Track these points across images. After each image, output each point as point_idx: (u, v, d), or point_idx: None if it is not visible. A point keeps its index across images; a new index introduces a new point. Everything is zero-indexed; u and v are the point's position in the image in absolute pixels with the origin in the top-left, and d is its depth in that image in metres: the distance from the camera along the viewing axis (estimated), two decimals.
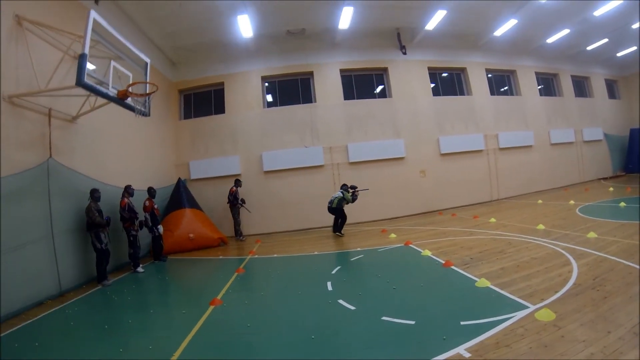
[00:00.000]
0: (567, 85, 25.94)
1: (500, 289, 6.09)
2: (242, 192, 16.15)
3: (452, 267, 7.87)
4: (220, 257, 12.41)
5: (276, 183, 17.55)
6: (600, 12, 18.52)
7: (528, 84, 23.84)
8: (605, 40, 23.64)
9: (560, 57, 25.21)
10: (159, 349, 5.09)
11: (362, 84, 19.64)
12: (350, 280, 8.08)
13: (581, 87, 27.70)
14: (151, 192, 12.25)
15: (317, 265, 9.88)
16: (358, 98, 19.25)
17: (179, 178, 15.61)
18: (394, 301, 6.33)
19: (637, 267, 6.35)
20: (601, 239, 8.66)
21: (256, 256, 11.78)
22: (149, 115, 10.67)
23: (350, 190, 14.37)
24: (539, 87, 25.16)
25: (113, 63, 9.07)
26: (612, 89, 29.91)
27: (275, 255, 11.70)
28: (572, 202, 15.88)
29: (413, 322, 5.18)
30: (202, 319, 6.13)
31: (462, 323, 4.90)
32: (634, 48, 25.80)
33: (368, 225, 16.45)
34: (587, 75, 27.63)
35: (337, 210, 14.33)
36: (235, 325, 6.00)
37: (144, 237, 12.11)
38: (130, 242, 10.83)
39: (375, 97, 19.70)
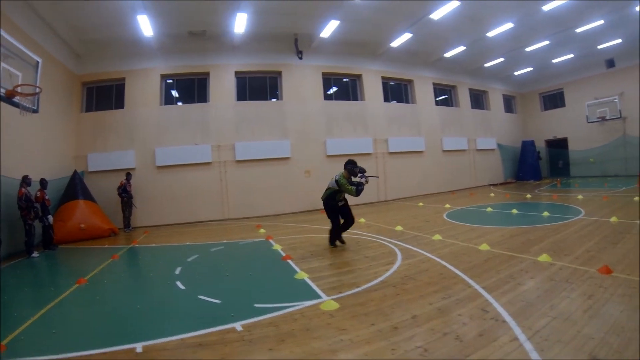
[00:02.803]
0: (464, 97, 27.82)
1: (312, 282, 6.60)
2: (135, 185, 16.74)
3: (288, 260, 8.40)
4: (106, 246, 12.66)
5: (168, 178, 17.97)
6: (492, 33, 20.12)
7: (424, 93, 25.36)
8: (502, 59, 25.66)
9: (459, 71, 27.03)
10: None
11: (256, 87, 20.40)
12: (196, 267, 8.71)
13: (479, 100, 29.78)
14: (43, 183, 12.39)
15: (180, 254, 10.37)
16: (250, 100, 20.03)
17: (75, 170, 15.63)
18: (218, 285, 7.09)
19: (452, 268, 6.90)
20: (442, 241, 9.30)
21: (137, 245, 12.23)
22: (38, 111, 10.88)
23: (358, 176, 9.35)
24: (441, 97, 27.15)
25: (3, 64, 9.14)
26: (509, 103, 32.61)
27: (153, 245, 12.17)
28: (447, 205, 16.94)
29: (219, 302, 5.89)
30: (63, 295, 6.77)
31: (255, 305, 5.52)
32: (530, 69, 28.28)
33: (250, 221, 17.05)
34: (485, 89, 29.77)
35: (326, 204, 9.61)
36: (87, 299, 6.69)
37: (38, 226, 12.39)
38: (26, 230, 11.19)
39: (267, 99, 20.48)
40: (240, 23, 16.40)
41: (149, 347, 4.34)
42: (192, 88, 19.77)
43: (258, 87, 20.63)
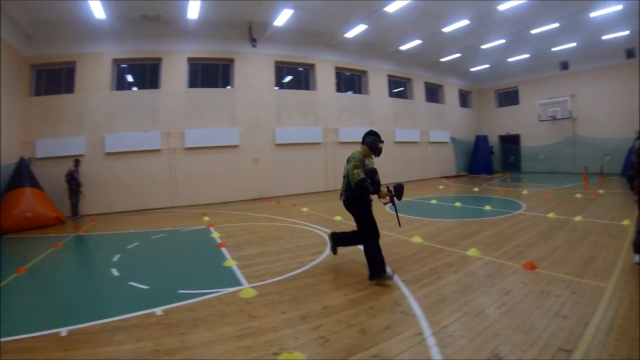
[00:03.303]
0: (419, 90, 28.58)
1: (239, 270, 6.85)
2: (84, 172, 16.44)
3: (222, 248, 8.63)
4: (51, 234, 12.35)
5: (117, 165, 17.59)
6: (448, 29, 20.65)
7: (378, 85, 25.90)
8: (458, 55, 26.40)
9: (415, 64, 27.67)
10: None
11: (208, 74, 20.31)
12: (134, 254, 8.89)
13: (434, 93, 30.60)
14: None
15: (122, 241, 10.36)
16: (202, 87, 19.91)
17: (21, 157, 15.12)
18: (150, 272, 7.31)
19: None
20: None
21: (82, 234, 12.19)
22: None
23: (387, 189, 6.20)
24: (396, 89, 27.84)
25: None
26: (465, 98, 33.69)
27: (98, 233, 12.15)
28: None
29: (147, 287, 6.14)
30: (0, 284, 6.77)
31: (179, 291, 5.77)
32: (486, 66, 29.26)
33: (198, 209, 17.07)
34: (441, 83, 30.60)
35: (348, 204, 6.33)
36: (24, 287, 6.76)
37: None
38: None
39: (219, 87, 20.43)
40: (193, 8, 16.23)
41: (73, 331, 4.52)
42: (145, 73, 19.48)
43: (210, 74, 20.70)
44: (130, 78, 19.47)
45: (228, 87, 20.59)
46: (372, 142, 6.32)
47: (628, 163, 22.38)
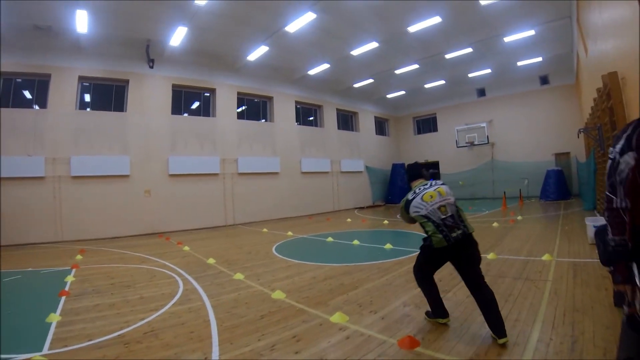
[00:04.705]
0: (330, 117, 29.24)
1: (57, 327, 6.38)
2: None
3: (62, 297, 8.14)
4: None
5: None
6: (357, 52, 21.19)
7: (284, 111, 26.21)
8: (371, 80, 27.14)
9: (326, 90, 28.35)
10: None
11: (100, 95, 19.60)
12: None
13: (348, 121, 31.38)
14: None
15: None
16: (94, 109, 19.28)
17: None
18: None
19: (214, 325, 5.89)
20: (239, 282, 8.63)
21: None
22: None
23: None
24: (306, 117, 28.18)
25: None
26: (381, 126, 34.96)
27: None
28: (290, 233, 16.95)
29: None
30: None
31: None
32: (402, 92, 30.36)
33: (82, 244, 16.41)
34: (355, 110, 31.45)
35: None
36: None
37: None
38: None
39: (111, 110, 19.66)
40: (81, 21, 15.57)
41: None
42: (32, 91, 18.35)
43: (103, 95, 19.89)
44: (14, 95, 18.00)
45: (122, 112, 19.90)
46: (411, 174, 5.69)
47: (546, 186, 24.24)
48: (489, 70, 25.95)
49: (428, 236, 4.93)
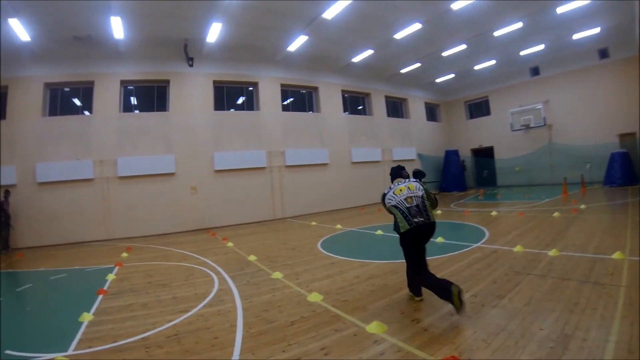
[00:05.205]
0: (379, 105, 28.35)
1: (88, 327, 6.31)
2: (16, 203, 16.61)
3: (100, 296, 8.14)
4: None
5: (49, 195, 17.46)
6: (400, 35, 20.17)
7: (331, 101, 25.57)
8: (418, 64, 26.03)
9: (373, 77, 27.39)
10: None
11: (143, 97, 20.29)
12: (12, 299, 8.73)
13: (397, 108, 30.42)
14: None
15: (19, 281, 10.64)
16: (137, 111, 20.10)
17: None
18: (7, 322, 6.93)
19: (240, 332, 5.48)
20: (277, 282, 8.15)
21: None
22: None
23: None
24: (353, 105, 27.47)
25: None
26: (432, 112, 33.68)
27: (8, 271, 12.17)
28: (339, 226, 16.42)
29: None
30: None
31: (6, 351, 5.36)
32: (451, 75, 29.17)
33: (130, 242, 16.84)
34: (404, 97, 30.41)
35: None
36: None
37: None
38: None
39: (154, 111, 20.18)
40: (116, 27, 16.14)
41: None
42: (77, 98, 19.35)
43: (145, 97, 20.41)
44: (62, 103, 19.14)
45: (165, 111, 20.29)
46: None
47: (611, 170, 21.93)
48: (542, 47, 24.08)
49: (396, 223, 6.01)
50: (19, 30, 15.08)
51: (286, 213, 22.33)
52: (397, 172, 6.54)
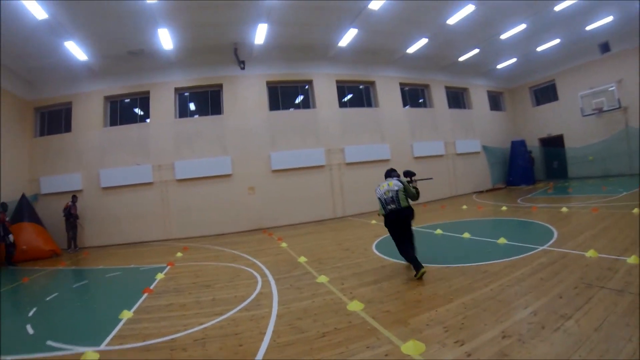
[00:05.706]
0: (439, 96, 27.18)
1: (123, 324, 6.50)
2: (83, 206, 18.37)
3: (145, 294, 8.35)
4: (36, 267, 13.69)
5: (112, 199, 18.95)
6: (453, 20, 19.11)
7: (389, 95, 24.80)
8: (476, 50, 24.53)
9: (430, 67, 26.35)
10: None
11: (197, 102, 21.12)
12: (70, 294, 9.57)
13: (458, 98, 29.12)
14: (4, 206, 14.95)
15: (77, 279, 11.54)
16: (192, 116, 20.98)
17: (23, 194, 16.92)
18: (56, 314, 7.66)
19: (266, 342, 5.13)
20: (320, 287, 7.70)
21: (61, 268, 13.42)
22: None
23: (408, 179, 8.42)
24: (412, 98, 26.69)
25: None
26: (496, 100, 31.73)
27: (73, 268, 13.43)
28: None
29: (32, 332, 6.37)
30: None
31: (47, 342, 5.75)
32: (513, 60, 27.34)
33: (187, 242, 17.41)
34: (465, 86, 29.01)
35: (409, 211, 7.79)
36: None
37: None
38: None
39: (209, 115, 20.76)
40: (165, 39, 16.89)
41: None
42: (135, 108, 20.65)
43: (200, 102, 21.15)
44: (121, 114, 20.49)
45: (219, 115, 20.81)
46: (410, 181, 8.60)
47: None
48: (610, 18, 21.09)
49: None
50: (76, 51, 16.55)
51: (347, 211, 21.85)
52: (387, 173, 8.62)
